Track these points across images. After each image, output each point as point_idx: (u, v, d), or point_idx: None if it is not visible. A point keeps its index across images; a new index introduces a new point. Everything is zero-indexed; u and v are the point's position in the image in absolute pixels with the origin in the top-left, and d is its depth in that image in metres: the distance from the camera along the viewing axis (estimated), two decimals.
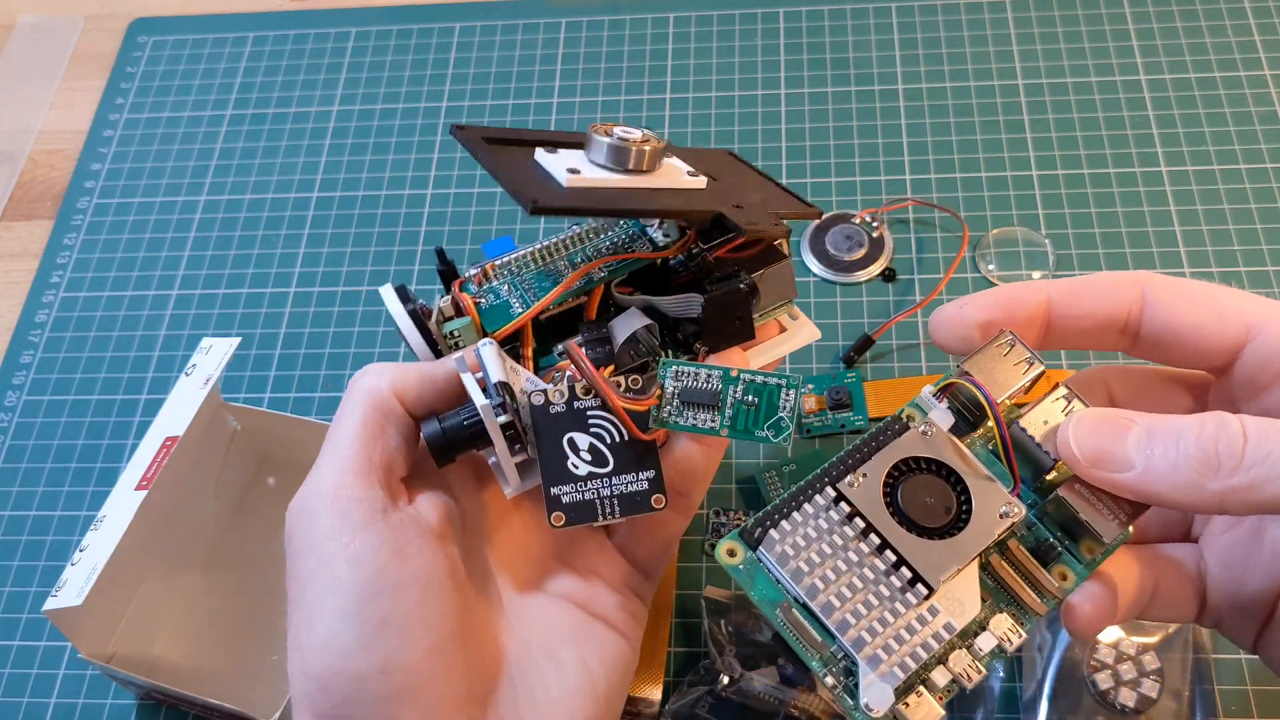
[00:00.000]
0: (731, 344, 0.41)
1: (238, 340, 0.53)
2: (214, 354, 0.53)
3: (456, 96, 0.71)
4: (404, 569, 0.35)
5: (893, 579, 0.32)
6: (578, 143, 0.43)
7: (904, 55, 0.69)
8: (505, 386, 0.37)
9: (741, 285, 0.40)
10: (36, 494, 0.59)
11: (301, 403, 0.60)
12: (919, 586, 0.32)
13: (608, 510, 0.38)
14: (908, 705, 0.32)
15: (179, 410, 0.51)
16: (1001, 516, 0.33)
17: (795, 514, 0.34)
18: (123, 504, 0.49)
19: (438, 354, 0.41)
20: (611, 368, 0.39)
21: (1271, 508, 0.30)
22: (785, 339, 0.44)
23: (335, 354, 0.62)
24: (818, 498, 0.34)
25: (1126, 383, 0.39)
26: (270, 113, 0.72)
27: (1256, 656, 0.38)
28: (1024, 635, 0.34)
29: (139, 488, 0.49)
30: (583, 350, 0.39)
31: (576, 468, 0.38)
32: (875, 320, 0.59)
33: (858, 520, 0.33)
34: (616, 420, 0.38)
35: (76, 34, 0.78)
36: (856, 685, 0.32)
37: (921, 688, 0.32)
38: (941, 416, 0.35)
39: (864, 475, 0.33)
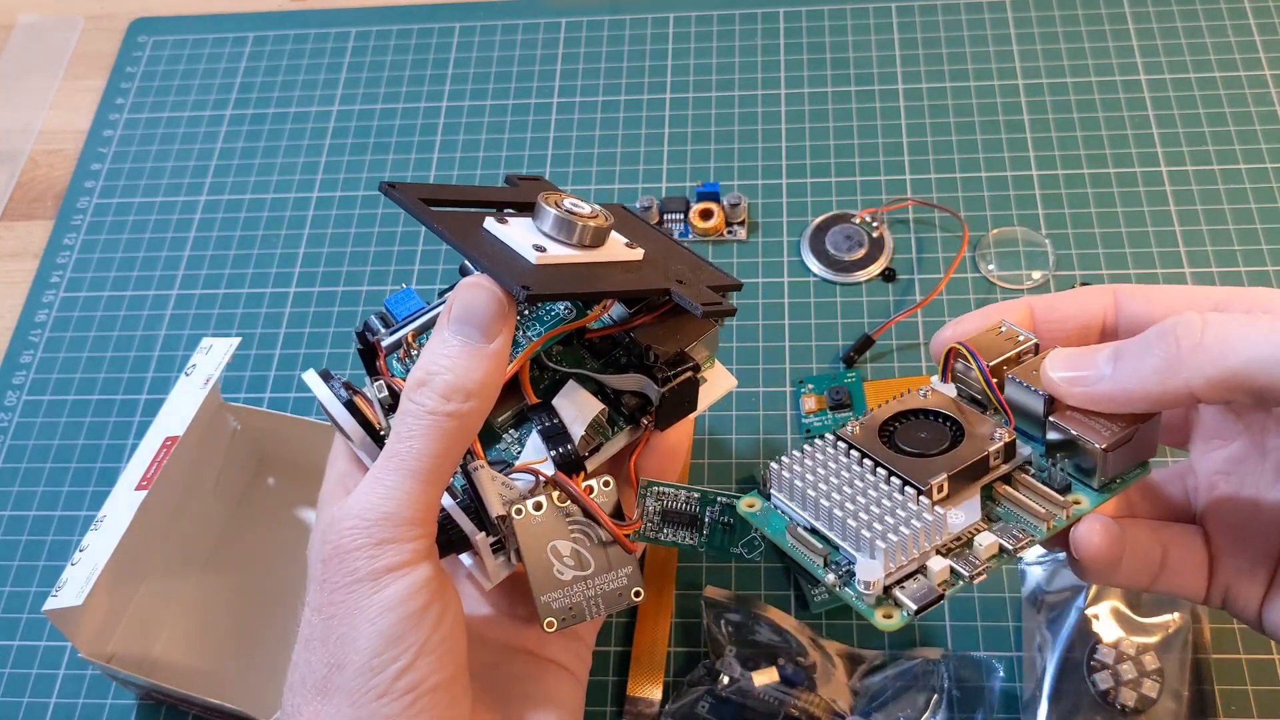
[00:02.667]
0: (679, 419, 0.43)
1: (238, 340, 0.53)
2: (214, 354, 0.53)
3: (456, 96, 0.71)
4: (447, 616, 0.36)
5: (886, 488, 0.35)
6: (516, 202, 0.43)
7: (904, 55, 0.69)
8: (503, 520, 0.39)
9: (693, 373, 0.42)
10: (36, 494, 0.59)
11: (301, 403, 0.60)
12: (909, 490, 0.35)
13: (593, 610, 0.40)
14: (903, 587, 0.33)
15: (179, 410, 0.51)
16: (993, 439, 0.36)
17: (797, 451, 0.37)
18: (123, 504, 0.49)
19: (379, 442, 0.41)
20: (584, 474, 0.41)
21: (1237, 384, 0.31)
22: (706, 392, 0.45)
23: (335, 354, 0.62)
24: (818, 440, 0.37)
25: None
26: (270, 113, 0.72)
27: (1256, 656, 0.38)
28: (1033, 542, 0.34)
29: (139, 488, 0.49)
30: (577, 481, 0.40)
31: (562, 574, 0.39)
32: (875, 320, 0.59)
33: (854, 451, 0.36)
34: (593, 522, 0.40)
35: (76, 34, 0.78)
36: (855, 578, 0.34)
37: (919, 574, 0.34)
38: (944, 388, 0.38)
39: (861, 423, 0.37)
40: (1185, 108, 0.65)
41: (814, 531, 0.36)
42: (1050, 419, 0.35)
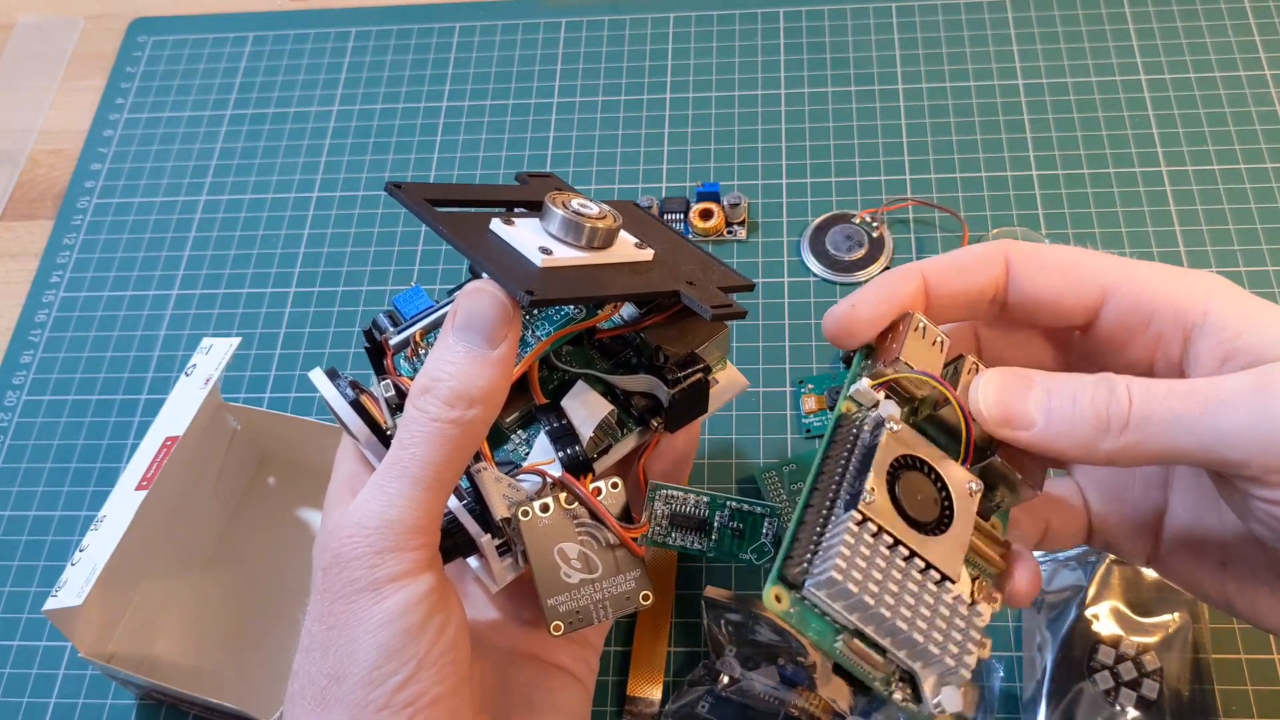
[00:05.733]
0: (689, 421, 0.43)
1: (238, 340, 0.53)
2: (214, 354, 0.53)
3: (456, 96, 0.71)
4: (449, 627, 0.36)
5: (927, 584, 0.33)
6: (523, 201, 0.43)
7: (904, 55, 0.69)
8: (508, 522, 0.39)
9: (704, 375, 0.42)
10: (36, 494, 0.59)
11: (301, 403, 0.60)
12: (946, 583, 0.33)
13: (601, 613, 0.40)
14: (965, 691, 0.34)
15: (179, 410, 0.51)
16: (971, 494, 0.35)
17: (828, 546, 0.33)
18: (123, 504, 0.49)
19: (385, 442, 0.40)
20: (591, 476, 0.40)
21: (1153, 461, 0.33)
22: (717, 394, 0.44)
23: (335, 354, 0.62)
24: (846, 524, 0.33)
25: (992, 330, 0.40)
26: (270, 113, 0.72)
27: (1256, 656, 0.39)
28: (1000, 597, 0.35)
29: (139, 488, 0.49)
30: (585, 482, 0.40)
31: (569, 576, 0.39)
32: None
33: (884, 535, 0.33)
34: (600, 524, 0.39)
35: (76, 34, 0.78)
36: (918, 690, 0.33)
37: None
38: (892, 409, 0.35)
39: (872, 489, 0.33)
40: (1185, 108, 0.65)
41: (860, 634, 0.33)
42: (998, 460, 0.35)
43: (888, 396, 0.36)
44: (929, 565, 0.33)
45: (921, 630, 0.32)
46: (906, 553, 0.33)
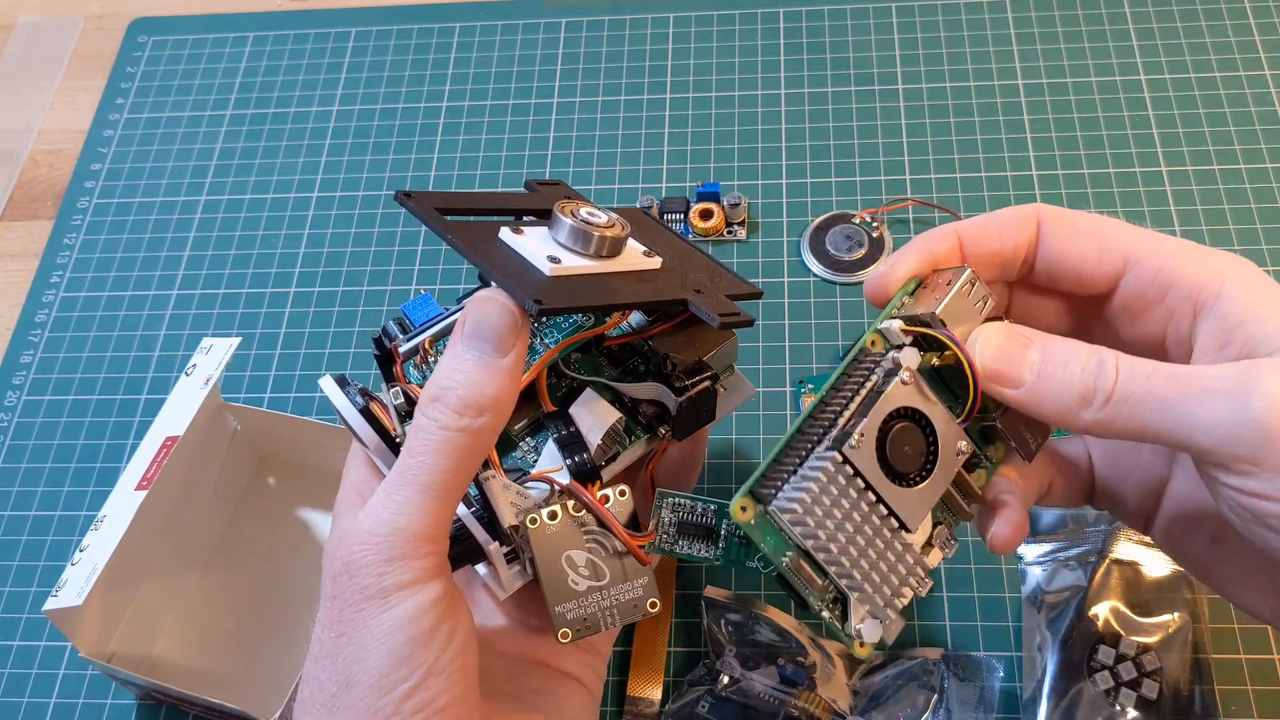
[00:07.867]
0: (697, 429, 0.43)
1: (238, 340, 0.53)
2: (214, 354, 0.53)
3: (456, 96, 0.71)
4: (457, 634, 0.36)
5: (884, 529, 0.36)
6: (531, 210, 0.43)
7: (904, 55, 0.69)
8: (516, 529, 0.39)
9: (711, 383, 0.42)
10: (36, 494, 0.59)
11: (301, 403, 0.60)
12: (902, 531, 0.36)
13: (608, 621, 0.40)
14: (887, 626, 0.36)
15: (179, 410, 0.51)
16: (958, 455, 0.36)
17: (804, 476, 0.35)
18: (123, 504, 0.49)
19: (394, 450, 0.40)
20: (599, 484, 0.40)
21: (1126, 437, 0.34)
22: (725, 400, 0.45)
23: (335, 354, 0.62)
24: (825, 464, 0.35)
25: (1018, 293, 0.41)
26: (270, 113, 0.72)
27: (1256, 656, 0.39)
28: (956, 542, 0.38)
29: (139, 488, 0.49)
30: (592, 490, 0.40)
31: (576, 584, 0.39)
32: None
33: (858, 479, 0.35)
34: (608, 532, 0.39)
35: (76, 34, 0.78)
36: (846, 613, 0.36)
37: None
38: (912, 357, 0.36)
39: (862, 435, 0.35)
40: (1185, 108, 0.65)
41: (808, 556, 0.35)
42: (999, 425, 0.37)
43: (913, 343, 0.37)
44: (891, 512, 0.35)
45: (863, 570, 0.35)
46: (874, 498, 0.35)
